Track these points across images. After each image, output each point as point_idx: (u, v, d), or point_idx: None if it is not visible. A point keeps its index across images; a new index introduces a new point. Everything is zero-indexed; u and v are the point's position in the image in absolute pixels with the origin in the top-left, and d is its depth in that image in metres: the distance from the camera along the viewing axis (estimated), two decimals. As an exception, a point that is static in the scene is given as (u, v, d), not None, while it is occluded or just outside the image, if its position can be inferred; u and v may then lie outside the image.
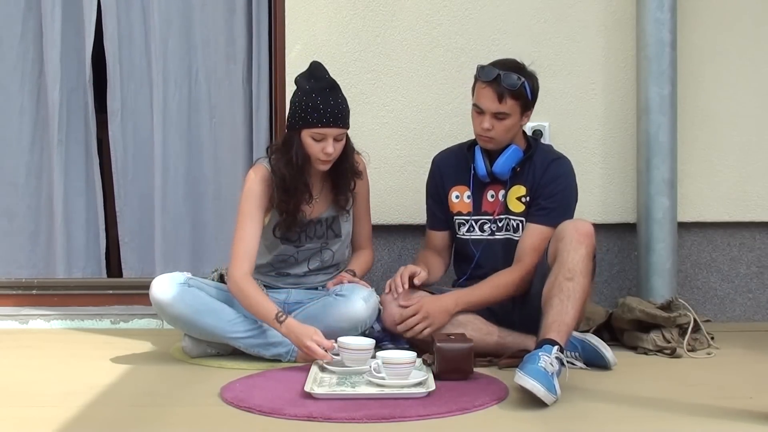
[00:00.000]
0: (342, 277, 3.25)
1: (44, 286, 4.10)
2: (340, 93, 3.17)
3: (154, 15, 4.19)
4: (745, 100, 3.87)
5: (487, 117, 3.17)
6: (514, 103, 3.15)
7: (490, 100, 3.15)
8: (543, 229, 3.18)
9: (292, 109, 3.16)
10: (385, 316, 3.16)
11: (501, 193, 3.27)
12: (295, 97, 3.17)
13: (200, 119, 4.26)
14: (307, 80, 3.17)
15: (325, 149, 3.10)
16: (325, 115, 3.09)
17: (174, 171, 4.25)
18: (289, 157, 3.13)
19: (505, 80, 3.12)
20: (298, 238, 3.25)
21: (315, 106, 3.09)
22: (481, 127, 3.19)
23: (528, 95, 3.18)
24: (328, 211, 3.28)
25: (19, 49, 4.21)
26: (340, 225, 3.30)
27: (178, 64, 4.24)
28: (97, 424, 2.47)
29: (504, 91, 3.13)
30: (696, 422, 2.43)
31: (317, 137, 3.10)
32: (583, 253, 2.90)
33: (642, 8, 3.72)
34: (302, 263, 3.31)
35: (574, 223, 2.99)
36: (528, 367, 2.58)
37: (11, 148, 4.23)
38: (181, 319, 3.09)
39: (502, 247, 3.26)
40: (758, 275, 3.94)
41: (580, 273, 2.87)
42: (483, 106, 3.17)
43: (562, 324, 2.79)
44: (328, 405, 2.52)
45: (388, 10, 3.86)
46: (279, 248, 3.26)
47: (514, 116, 3.18)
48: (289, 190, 3.14)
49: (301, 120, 3.11)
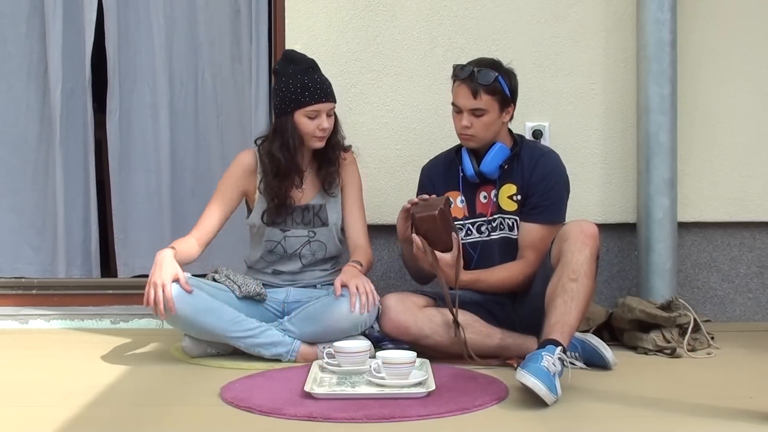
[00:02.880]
0: (346, 281, 3.16)
1: (44, 286, 4.10)
2: (320, 71, 3.30)
3: (158, 15, 4.20)
4: (745, 100, 3.87)
5: (465, 115, 3.20)
6: (489, 99, 3.18)
7: (465, 98, 3.18)
8: (540, 228, 3.20)
9: (281, 96, 3.23)
10: (384, 321, 3.15)
11: (493, 193, 3.27)
12: (280, 84, 3.24)
13: (207, 118, 4.29)
14: (287, 65, 3.27)
15: (320, 125, 3.21)
16: (316, 92, 3.21)
17: (181, 169, 4.27)
18: (285, 140, 3.21)
19: (479, 76, 3.16)
20: (284, 221, 3.29)
21: (305, 86, 3.20)
22: (460, 125, 3.22)
23: (505, 91, 3.20)
24: (315, 198, 3.33)
25: (24, 49, 4.22)
26: (327, 213, 3.32)
27: (184, 64, 4.26)
28: (97, 424, 2.47)
29: (478, 87, 3.16)
30: (696, 422, 2.43)
31: (312, 115, 3.21)
32: (588, 254, 2.89)
33: (642, 8, 3.72)
34: (293, 258, 3.32)
35: (579, 224, 2.98)
36: (530, 365, 2.58)
37: (18, 146, 4.25)
38: (181, 319, 3.09)
39: (499, 247, 3.26)
40: (758, 275, 3.94)
41: (585, 274, 2.87)
42: (459, 104, 3.21)
43: (565, 325, 2.78)
44: (328, 405, 2.52)
45: (388, 10, 3.86)
46: (266, 234, 3.30)
47: (492, 112, 3.19)
48: (282, 174, 3.22)
49: (293, 102, 3.20)
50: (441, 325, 3.11)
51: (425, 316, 3.13)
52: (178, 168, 4.32)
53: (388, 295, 3.19)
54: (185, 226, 4.22)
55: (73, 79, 4.23)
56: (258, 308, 3.25)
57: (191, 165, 4.34)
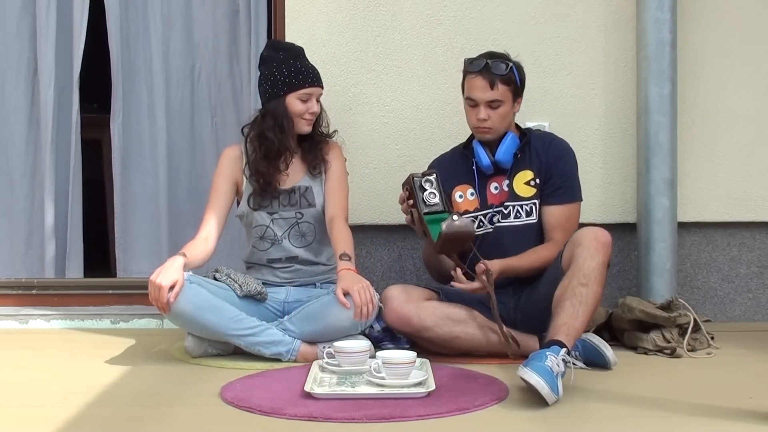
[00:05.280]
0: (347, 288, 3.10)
1: (44, 286, 4.10)
2: (307, 57, 3.38)
3: (156, 15, 4.20)
4: (745, 100, 3.87)
5: (482, 107, 3.22)
6: (505, 89, 3.21)
7: (482, 90, 3.20)
8: (564, 207, 3.27)
9: (272, 80, 3.28)
10: (387, 311, 3.15)
11: (505, 183, 3.29)
12: (271, 69, 3.29)
13: (202, 119, 4.28)
14: (275, 52, 3.34)
15: (310, 109, 3.30)
16: (309, 76, 3.31)
17: (176, 170, 4.27)
18: (279, 122, 3.28)
19: (494, 68, 3.20)
20: (270, 204, 3.33)
21: (297, 70, 3.29)
22: (477, 118, 3.24)
23: (517, 81, 3.24)
24: (301, 180, 3.36)
25: (14, 49, 4.21)
26: (313, 194, 3.35)
27: (180, 64, 4.25)
28: (97, 424, 2.47)
29: (495, 78, 3.20)
30: (696, 422, 2.43)
31: (304, 98, 3.29)
32: (600, 261, 2.91)
33: (642, 8, 3.72)
34: (283, 242, 3.32)
35: (594, 232, 2.99)
36: (534, 363, 2.59)
37: (7, 147, 4.24)
38: (182, 316, 3.10)
39: (513, 235, 3.26)
40: (758, 275, 3.94)
41: (595, 280, 2.89)
42: (476, 97, 3.22)
43: (571, 328, 2.80)
44: (328, 405, 2.52)
45: (388, 10, 3.86)
46: (255, 219, 3.34)
47: (507, 103, 3.23)
48: (272, 155, 3.29)
49: (285, 86, 3.27)
50: (443, 318, 3.13)
51: (428, 309, 3.14)
52: (175, 168, 4.31)
53: (392, 287, 3.20)
54: (181, 228, 4.24)
55: (64, 79, 4.23)
56: (258, 307, 3.26)
57: (187, 166, 4.33)
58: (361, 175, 3.82)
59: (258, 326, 3.12)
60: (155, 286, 3.03)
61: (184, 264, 3.11)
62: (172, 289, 3.04)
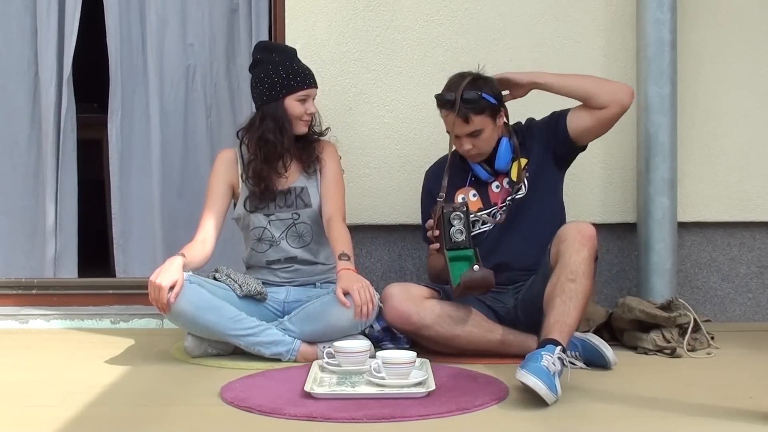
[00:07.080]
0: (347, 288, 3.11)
1: (44, 286, 4.10)
2: (299, 58, 3.39)
3: (151, 14, 4.20)
4: (745, 100, 3.87)
5: (464, 139, 3.23)
6: (481, 118, 3.21)
7: (459, 126, 3.20)
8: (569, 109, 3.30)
9: (269, 83, 3.27)
10: (386, 309, 3.15)
11: (505, 181, 3.31)
12: (267, 71, 3.28)
13: (197, 119, 4.28)
14: (269, 54, 3.33)
15: (308, 110, 3.31)
16: (306, 78, 3.32)
17: (170, 170, 4.26)
18: (279, 124, 3.27)
19: (465, 102, 3.17)
20: (266, 206, 3.33)
21: (295, 72, 3.30)
22: (463, 149, 3.26)
23: (492, 101, 3.21)
24: (297, 181, 3.36)
25: (15, 49, 4.21)
26: (309, 195, 3.35)
27: (176, 63, 4.25)
28: (97, 424, 2.47)
29: (467, 112, 3.18)
30: (696, 422, 2.43)
31: (302, 99, 3.30)
32: (586, 254, 2.91)
33: (642, 8, 3.72)
34: (281, 243, 3.32)
35: (578, 225, 3.00)
36: (530, 365, 2.59)
37: (8, 147, 4.25)
38: (182, 316, 3.10)
39: (516, 223, 3.26)
40: (758, 275, 3.94)
41: (583, 274, 2.89)
42: (455, 132, 3.23)
43: (564, 325, 2.80)
44: (328, 405, 2.52)
45: (388, 10, 3.86)
46: (252, 222, 3.34)
47: (488, 127, 3.23)
48: (273, 158, 3.28)
49: (284, 88, 3.27)
50: (443, 316, 3.13)
51: (428, 307, 3.14)
52: (169, 168, 4.30)
53: (392, 284, 3.20)
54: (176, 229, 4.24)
55: (63, 79, 4.22)
56: (258, 307, 3.26)
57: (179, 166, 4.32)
58: (360, 174, 3.82)
59: (258, 326, 3.12)
60: (155, 286, 3.03)
61: (183, 264, 3.11)
62: (172, 289, 3.04)
